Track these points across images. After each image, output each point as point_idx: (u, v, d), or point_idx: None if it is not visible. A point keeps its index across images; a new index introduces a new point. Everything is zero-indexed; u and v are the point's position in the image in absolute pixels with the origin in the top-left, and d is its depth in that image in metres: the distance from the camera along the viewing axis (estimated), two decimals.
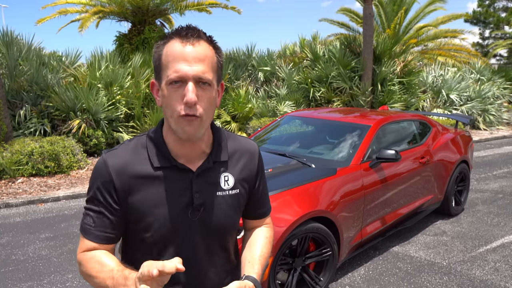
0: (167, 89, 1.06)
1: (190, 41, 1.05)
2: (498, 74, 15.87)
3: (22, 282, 3.54)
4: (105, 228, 1.14)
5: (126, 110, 8.84)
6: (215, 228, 1.20)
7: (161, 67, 1.08)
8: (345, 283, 3.52)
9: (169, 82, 1.05)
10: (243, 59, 12.38)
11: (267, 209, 1.39)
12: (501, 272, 3.73)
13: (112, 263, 1.10)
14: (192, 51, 1.05)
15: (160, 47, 1.09)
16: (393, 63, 11.95)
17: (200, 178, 1.17)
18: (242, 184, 1.25)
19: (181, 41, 1.06)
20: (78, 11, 12.21)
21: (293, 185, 3.14)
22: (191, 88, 1.03)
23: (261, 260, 1.27)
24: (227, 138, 1.26)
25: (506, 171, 7.65)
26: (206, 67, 1.06)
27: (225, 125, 10.25)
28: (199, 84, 1.06)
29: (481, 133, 12.52)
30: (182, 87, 1.05)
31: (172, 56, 1.05)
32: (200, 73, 1.04)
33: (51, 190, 6.17)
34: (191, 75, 1.04)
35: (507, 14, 29.80)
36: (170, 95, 1.06)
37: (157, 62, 1.10)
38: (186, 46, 1.05)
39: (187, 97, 1.03)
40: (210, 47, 1.09)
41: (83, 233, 1.16)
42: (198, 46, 1.06)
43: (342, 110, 5.21)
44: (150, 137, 1.19)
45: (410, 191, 4.24)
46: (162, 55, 1.08)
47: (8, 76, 8.23)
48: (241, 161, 1.26)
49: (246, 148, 1.28)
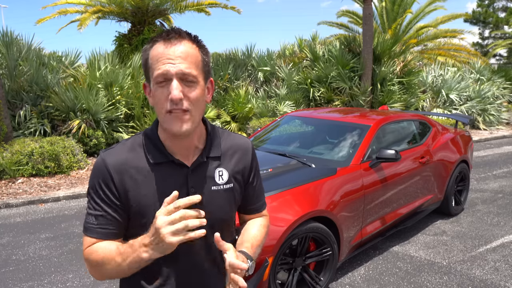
0: (155, 89, 1.12)
1: (172, 41, 1.11)
2: (497, 74, 15.87)
3: (22, 282, 3.54)
4: (108, 225, 1.17)
5: (126, 110, 8.85)
6: (211, 222, 1.23)
7: (148, 69, 1.14)
8: (345, 283, 3.52)
9: (156, 82, 1.11)
10: (242, 59, 12.39)
11: (262, 203, 1.43)
12: (501, 271, 3.73)
13: (114, 245, 1.15)
14: (174, 50, 1.10)
15: (147, 50, 1.15)
16: (393, 63, 11.95)
17: (195, 173, 1.21)
18: (236, 179, 1.29)
19: (164, 42, 1.12)
20: (78, 11, 12.20)
21: (293, 185, 3.14)
22: (175, 85, 1.08)
23: (253, 241, 1.32)
24: (221, 134, 1.30)
25: (506, 171, 7.65)
26: (189, 64, 1.11)
27: (225, 125, 10.26)
28: (184, 81, 1.10)
29: (481, 133, 12.53)
30: (168, 85, 1.10)
31: (156, 56, 1.11)
32: (184, 70, 1.09)
33: (51, 190, 6.17)
34: (174, 72, 1.09)
35: (506, 14, 29.84)
36: (157, 94, 1.12)
37: (145, 65, 1.16)
38: (168, 46, 1.11)
39: (171, 94, 1.08)
40: (194, 45, 1.14)
41: (86, 232, 1.18)
42: (179, 45, 1.11)
43: (342, 110, 5.21)
44: (146, 135, 1.23)
45: (410, 191, 4.25)
46: (149, 58, 1.14)
47: (8, 77, 8.24)
48: (235, 156, 1.29)
49: (240, 144, 1.32)
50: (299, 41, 13.88)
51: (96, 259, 1.14)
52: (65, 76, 8.98)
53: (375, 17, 17.07)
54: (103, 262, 1.13)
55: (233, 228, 1.35)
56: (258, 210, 1.42)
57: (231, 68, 11.59)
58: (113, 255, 1.11)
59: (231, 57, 12.43)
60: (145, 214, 1.16)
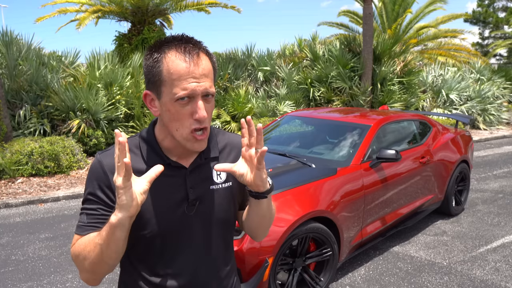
0: (173, 105, 1.09)
1: (193, 58, 1.07)
2: (498, 74, 15.86)
3: (22, 282, 3.53)
4: (99, 223, 1.15)
5: (125, 110, 8.84)
6: (211, 221, 1.23)
7: (161, 82, 1.09)
8: (345, 283, 3.52)
9: (176, 99, 1.07)
10: (242, 59, 12.38)
11: None
12: (502, 272, 3.73)
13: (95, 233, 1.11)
14: (198, 68, 1.07)
15: (159, 61, 1.09)
16: (393, 63, 11.94)
17: (193, 174, 1.21)
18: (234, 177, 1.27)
19: (183, 57, 1.07)
20: (77, 10, 12.20)
21: (293, 185, 3.13)
22: (202, 106, 1.08)
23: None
24: (217, 134, 1.30)
25: (506, 171, 7.65)
26: (211, 81, 1.11)
27: (224, 125, 10.25)
28: (204, 97, 1.10)
29: (481, 133, 12.52)
30: (190, 103, 1.08)
31: (177, 73, 1.06)
32: (208, 88, 1.09)
33: (51, 190, 6.16)
34: (200, 92, 1.08)
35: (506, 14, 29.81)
36: (178, 111, 1.09)
37: (156, 76, 1.09)
38: (191, 64, 1.07)
39: (199, 114, 1.08)
40: (208, 58, 1.12)
41: (77, 230, 1.16)
42: (199, 61, 1.08)
43: (342, 110, 5.20)
44: (142, 137, 1.22)
45: (410, 191, 4.24)
46: (163, 70, 1.08)
47: (7, 76, 8.23)
48: (231, 155, 1.29)
49: (236, 142, 1.32)
50: (299, 41, 13.89)
51: (79, 249, 1.11)
52: (65, 76, 8.98)
53: (375, 17, 17.06)
54: (84, 248, 1.09)
55: (233, 227, 1.34)
56: None
57: (231, 68, 11.58)
58: (92, 238, 1.09)
59: (231, 56, 12.42)
60: (142, 216, 1.15)
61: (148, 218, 1.15)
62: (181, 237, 1.20)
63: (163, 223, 1.17)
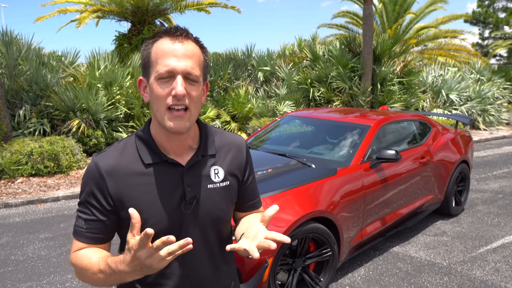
0: (155, 83, 1.10)
1: (179, 39, 1.11)
2: (498, 74, 15.85)
3: (21, 282, 3.53)
4: (97, 229, 1.17)
5: (125, 110, 8.83)
6: (209, 220, 1.23)
7: (149, 63, 1.13)
8: (345, 284, 3.51)
9: (158, 77, 1.10)
10: (242, 59, 12.38)
11: (258, 200, 1.43)
12: (502, 272, 3.72)
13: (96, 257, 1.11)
14: (181, 47, 1.10)
15: (149, 45, 1.14)
16: (393, 63, 11.94)
17: (191, 172, 1.20)
18: (232, 176, 1.29)
19: (170, 39, 1.11)
20: (77, 10, 12.19)
21: (293, 185, 3.13)
22: (180, 82, 1.08)
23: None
24: (214, 133, 1.30)
25: (506, 171, 7.64)
26: (194, 64, 1.11)
27: (224, 125, 10.25)
28: (187, 79, 1.10)
29: (481, 133, 12.52)
30: (171, 81, 1.09)
31: (162, 52, 1.10)
32: (189, 68, 1.09)
33: (51, 190, 6.16)
34: (180, 70, 1.08)
35: (506, 14, 29.82)
36: (158, 89, 1.10)
37: (146, 59, 1.14)
38: (175, 43, 1.10)
39: (176, 89, 1.08)
40: (197, 46, 1.15)
41: (75, 235, 1.18)
42: (186, 43, 1.11)
43: (342, 110, 5.20)
44: (138, 136, 1.22)
45: (410, 191, 4.24)
46: (151, 52, 1.12)
47: (7, 76, 8.22)
48: (229, 154, 1.29)
49: (233, 142, 1.32)
50: (299, 41, 13.88)
51: (80, 267, 1.14)
52: (64, 76, 8.97)
53: (375, 17, 17.06)
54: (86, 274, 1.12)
55: (230, 226, 1.34)
56: (255, 206, 1.41)
57: (231, 68, 11.58)
58: (95, 270, 1.09)
59: (231, 57, 12.42)
60: (140, 216, 1.15)
61: (145, 218, 1.14)
62: (178, 236, 1.19)
63: (160, 222, 1.17)
